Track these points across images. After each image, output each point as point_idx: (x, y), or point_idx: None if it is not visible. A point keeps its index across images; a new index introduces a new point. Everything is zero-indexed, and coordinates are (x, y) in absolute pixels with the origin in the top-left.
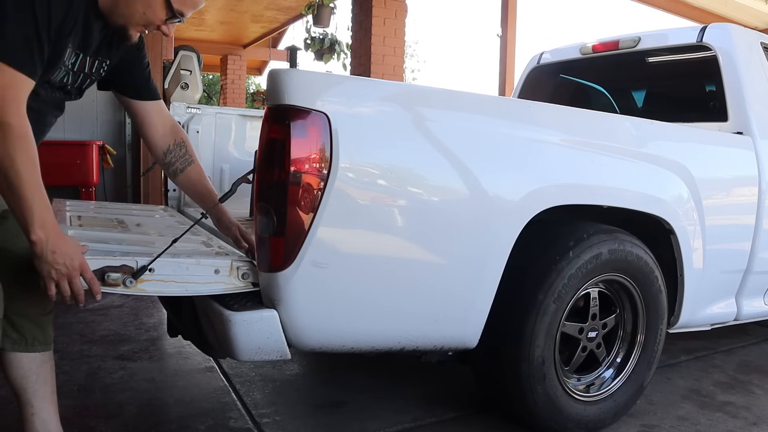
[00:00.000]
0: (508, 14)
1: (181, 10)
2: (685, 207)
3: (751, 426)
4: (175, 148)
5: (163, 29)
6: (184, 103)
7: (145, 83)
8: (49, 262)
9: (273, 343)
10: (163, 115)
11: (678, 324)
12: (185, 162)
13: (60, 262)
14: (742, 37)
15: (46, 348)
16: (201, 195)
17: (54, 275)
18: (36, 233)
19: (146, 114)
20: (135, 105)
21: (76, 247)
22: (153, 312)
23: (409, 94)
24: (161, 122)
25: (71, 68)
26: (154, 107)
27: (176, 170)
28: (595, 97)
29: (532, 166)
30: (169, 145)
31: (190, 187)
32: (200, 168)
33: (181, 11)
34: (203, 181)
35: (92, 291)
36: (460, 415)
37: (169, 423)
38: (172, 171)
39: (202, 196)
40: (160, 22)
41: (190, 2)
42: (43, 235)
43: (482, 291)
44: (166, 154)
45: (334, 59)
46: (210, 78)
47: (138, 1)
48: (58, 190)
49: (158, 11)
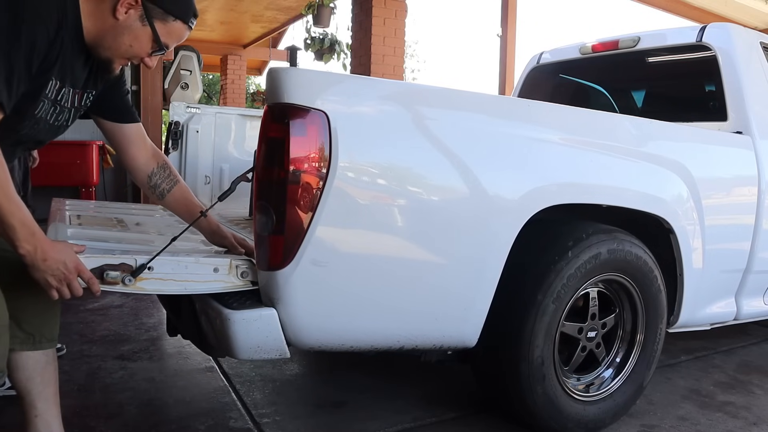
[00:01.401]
0: (508, 14)
1: (167, 43)
2: (685, 206)
3: (751, 426)
4: (159, 170)
5: (146, 62)
6: (184, 102)
7: (127, 107)
8: (42, 270)
9: (272, 341)
10: (145, 137)
11: (678, 324)
12: (171, 182)
13: (54, 267)
14: (742, 37)
15: (52, 345)
16: (191, 213)
17: (51, 281)
18: (23, 247)
19: (129, 137)
20: (117, 129)
21: (67, 251)
22: (153, 312)
23: (408, 93)
24: (143, 145)
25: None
26: (136, 130)
27: (163, 191)
28: (595, 97)
29: (531, 165)
30: (152, 168)
31: (180, 207)
32: (186, 186)
33: (167, 44)
34: (191, 198)
35: (91, 290)
36: (460, 415)
37: (169, 423)
38: (159, 193)
39: (192, 213)
40: (146, 55)
41: (175, 35)
42: (31, 247)
43: (481, 290)
44: (150, 177)
45: (334, 59)
46: (210, 78)
47: (125, 34)
48: (58, 189)
49: (145, 44)
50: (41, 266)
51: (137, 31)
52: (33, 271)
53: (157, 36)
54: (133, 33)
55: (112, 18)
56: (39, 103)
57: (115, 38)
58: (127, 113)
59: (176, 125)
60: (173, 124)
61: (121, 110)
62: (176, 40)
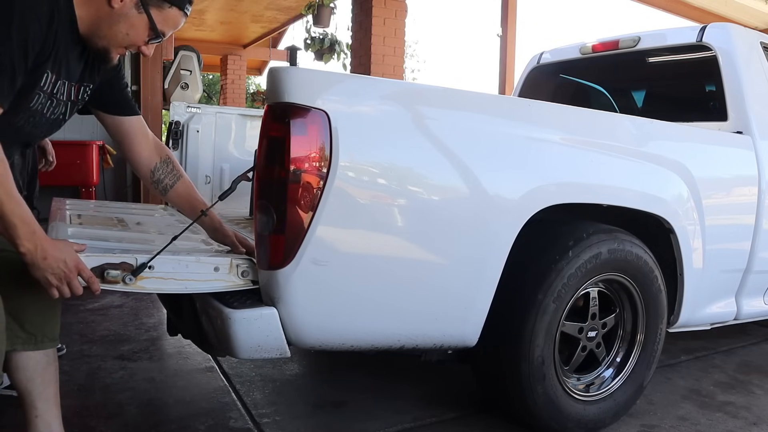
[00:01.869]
0: (508, 14)
1: (164, 31)
2: (685, 206)
3: (751, 426)
4: (162, 165)
5: (143, 50)
6: (184, 102)
7: (126, 100)
8: (43, 269)
9: (273, 340)
10: (147, 131)
11: (678, 323)
12: (174, 177)
13: (54, 266)
14: (742, 37)
15: (53, 344)
16: (194, 209)
17: (51, 280)
18: (24, 245)
19: (130, 130)
20: (118, 123)
21: (68, 249)
22: (153, 312)
23: (409, 93)
24: (146, 139)
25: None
26: (138, 123)
27: (166, 186)
28: (595, 97)
29: (531, 164)
30: (155, 162)
31: (183, 203)
32: (189, 182)
33: (163, 32)
34: (194, 194)
35: (91, 289)
36: (460, 415)
37: (169, 423)
38: (162, 188)
39: (195, 210)
40: (142, 43)
41: (172, 22)
42: (31, 246)
43: (482, 290)
44: (153, 171)
45: (334, 59)
46: (210, 78)
47: (121, 22)
48: (58, 189)
49: (141, 32)
50: (41, 265)
51: (133, 19)
52: (33, 270)
53: (154, 23)
54: (129, 21)
55: (107, 6)
56: (34, 96)
57: (110, 27)
58: (128, 106)
59: (177, 125)
60: (174, 123)
61: (121, 104)
62: (173, 27)
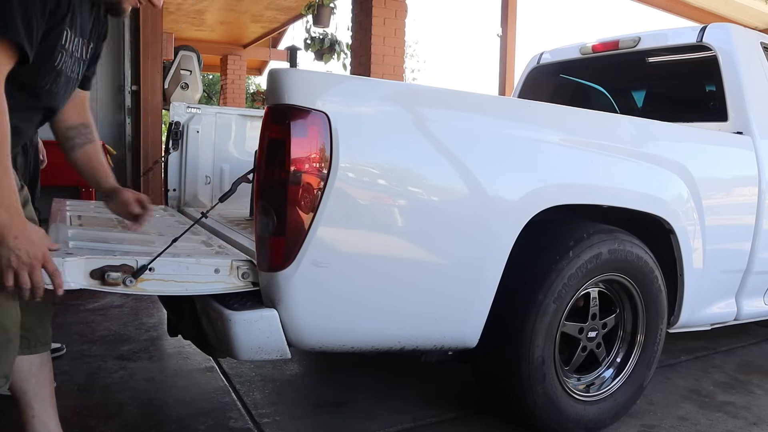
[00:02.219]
0: (508, 14)
1: None
2: (685, 207)
3: (751, 426)
4: (80, 126)
5: (154, 0)
6: (184, 103)
7: (93, 74)
8: (10, 248)
9: (273, 342)
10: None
11: (678, 324)
12: (85, 139)
13: (22, 248)
14: (742, 37)
15: (45, 348)
16: (94, 173)
17: (14, 263)
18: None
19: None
20: None
21: (41, 237)
22: (153, 312)
23: (409, 94)
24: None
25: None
26: (83, 94)
27: (74, 145)
28: (595, 97)
29: (532, 165)
30: (75, 123)
31: (85, 164)
32: (99, 149)
33: None
34: (99, 159)
35: (54, 284)
36: (460, 415)
37: (169, 423)
38: (70, 146)
39: (96, 176)
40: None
41: None
42: (7, 216)
43: (482, 291)
44: (68, 129)
45: (334, 59)
46: (210, 78)
47: None
48: (58, 190)
49: None
50: (10, 242)
51: None
52: None
53: None
54: None
55: None
56: (57, 55)
57: None
58: (87, 81)
59: (177, 125)
60: (174, 124)
61: (89, 78)
62: None
